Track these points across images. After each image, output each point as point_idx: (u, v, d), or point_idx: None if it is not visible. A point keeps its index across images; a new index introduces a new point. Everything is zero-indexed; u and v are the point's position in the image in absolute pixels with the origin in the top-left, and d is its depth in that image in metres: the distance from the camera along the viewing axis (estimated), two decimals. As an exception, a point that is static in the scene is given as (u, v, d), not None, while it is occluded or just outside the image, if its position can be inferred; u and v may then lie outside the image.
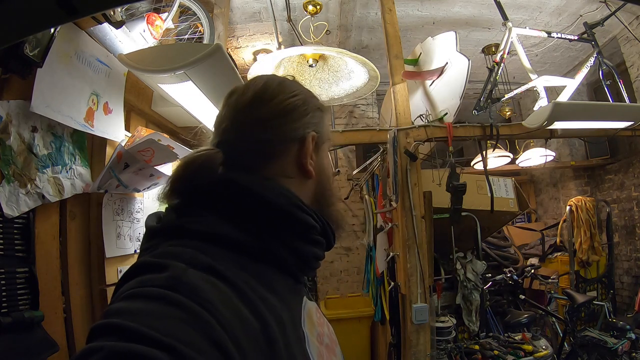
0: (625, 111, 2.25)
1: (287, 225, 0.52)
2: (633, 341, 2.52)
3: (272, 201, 0.51)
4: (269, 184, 0.53)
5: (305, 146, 0.58)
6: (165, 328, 0.33)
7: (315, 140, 0.59)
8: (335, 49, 2.11)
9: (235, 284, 0.42)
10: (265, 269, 0.48)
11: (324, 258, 0.59)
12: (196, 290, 0.37)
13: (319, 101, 0.64)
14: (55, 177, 1.19)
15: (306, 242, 0.54)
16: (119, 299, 0.37)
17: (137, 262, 0.43)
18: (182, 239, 0.46)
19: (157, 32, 1.57)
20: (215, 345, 0.34)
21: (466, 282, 2.60)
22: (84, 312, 1.30)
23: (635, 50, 3.12)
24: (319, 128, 0.61)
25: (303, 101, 0.60)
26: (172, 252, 0.43)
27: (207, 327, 0.35)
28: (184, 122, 1.99)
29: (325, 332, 0.59)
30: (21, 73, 1.03)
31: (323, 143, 0.62)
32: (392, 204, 2.34)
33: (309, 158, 0.58)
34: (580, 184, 4.31)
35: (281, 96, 0.58)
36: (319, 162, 0.60)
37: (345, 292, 3.93)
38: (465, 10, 3.13)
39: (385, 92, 3.24)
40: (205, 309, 0.36)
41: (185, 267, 0.39)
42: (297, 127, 0.58)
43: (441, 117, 2.40)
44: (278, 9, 2.78)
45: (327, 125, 0.64)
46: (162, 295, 0.36)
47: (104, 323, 0.34)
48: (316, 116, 0.61)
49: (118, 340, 0.31)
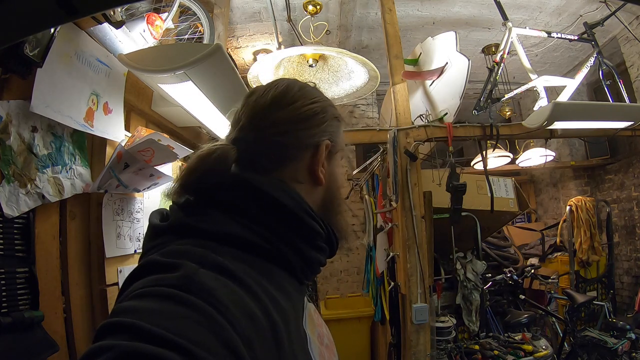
0: (625, 111, 2.25)
1: (295, 229, 0.52)
2: (633, 341, 2.52)
3: (284, 204, 0.51)
4: (281, 186, 0.53)
5: (318, 153, 0.58)
6: (176, 328, 0.32)
7: (329, 148, 0.60)
8: (335, 49, 2.11)
9: (246, 283, 0.41)
10: (273, 268, 0.48)
11: (325, 264, 0.59)
12: (208, 291, 0.37)
13: (337, 111, 0.65)
14: (55, 177, 1.19)
15: (311, 247, 0.54)
16: (129, 297, 0.37)
17: (146, 261, 0.42)
18: (191, 237, 0.46)
19: (157, 32, 1.57)
20: (226, 347, 0.34)
21: (466, 282, 2.60)
22: (84, 312, 1.30)
23: (635, 50, 3.12)
24: (334, 137, 0.61)
25: (321, 109, 0.60)
26: (182, 250, 0.43)
27: (218, 328, 0.34)
28: (184, 122, 1.99)
29: (325, 333, 0.59)
30: (21, 73, 1.03)
31: (336, 152, 0.63)
32: (392, 204, 2.34)
33: (320, 165, 0.58)
34: (580, 184, 4.31)
35: (300, 102, 0.59)
36: (330, 170, 0.61)
37: (345, 292, 3.93)
38: (465, 10, 3.13)
39: (385, 92, 3.24)
40: (216, 309, 0.36)
41: (197, 266, 0.39)
42: (313, 134, 0.58)
43: (441, 117, 2.40)
44: (278, 9, 2.78)
45: (342, 135, 0.65)
46: (173, 295, 0.35)
47: (114, 321, 0.33)
48: (333, 125, 0.62)
49: (128, 340, 0.31)
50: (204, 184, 0.52)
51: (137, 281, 0.39)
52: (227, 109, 1.54)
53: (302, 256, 0.52)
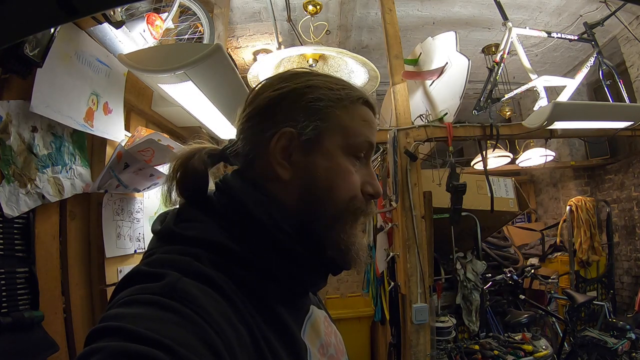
0: (625, 111, 2.25)
1: (270, 243, 0.49)
2: (633, 341, 2.52)
3: (257, 218, 0.48)
4: (261, 199, 0.50)
5: (270, 146, 0.51)
6: (160, 330, 0.34)
7: (295, 137, 0.50)
8: (335, 49, 2.11)
9: (226, 293, 0.42)
10: (256, 279, 0.47)
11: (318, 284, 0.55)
12: (190, 298, 0.38)
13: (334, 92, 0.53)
14: (55, 177, 1.19)
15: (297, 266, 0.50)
16: (115, 305, 0.38)
17: (132, 271, 0.43)
18: (179, 244, 0.46)
19: (157, 32, 1.57)
20: (209, 349, 0.35)
21: (466, 282, 2.60)
22: (84, 312, 1.30)
23: (635, 50, 3.12)
24: (305, 124, 0.50)
25: (287, 92, 0.52)
26: (167, 259, 0.44)
27: (201, 330, 0.36)
28: (184, 122, 1.99)
29: (332, 342, 0.57)
30: (21, 73, 1.03)
31: (320, 142, 0.51)
32: (392, 204, 2.34)
33: (276, 158, 0.51)
34: (580, 184, 4.31)
35: (265, 93, 0.54)
36: (304, 162, 0.51)
37: (345, 292, 3.93)
38: (465, 10, 3.13)
39: (385, 92, 3.24)
40: (198, 315, 0.37)
41: (180, 275, 0.40)
42: (273, 123, 0.51)
43: (441, 117, 2.40)
44: (278, 9, 2.77)
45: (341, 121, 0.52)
46: (157, 301, 0.37)
47: (102, 326, 0.35)
48: (305, 109, 0.51)
49: (118, 341, 0.32)
50: (196, 187, 0.52)
51: (124, 290, 0.40)
52: (227, 109, 1.55)
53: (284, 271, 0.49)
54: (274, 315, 0.47)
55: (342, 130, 0.52)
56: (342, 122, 0.52)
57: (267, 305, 0.46)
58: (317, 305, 0.60)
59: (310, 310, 0.56)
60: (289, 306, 0.50)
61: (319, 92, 0.52)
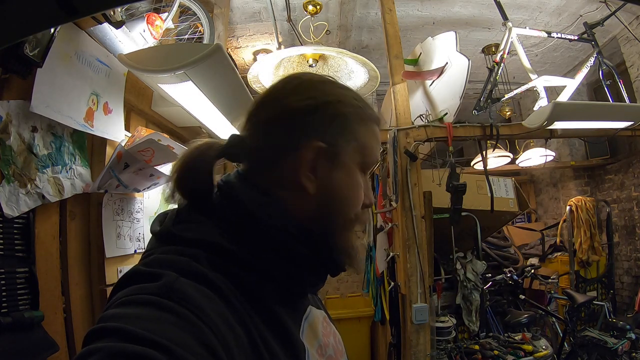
0: (625, 111, 2.25)
1: (277, 248, 0.49)
2: (633, 341, 2.52)
3: (266, 224, 0.49)
4: (265, 201, 0.50)
5: (301, 156, 0.50)
6: (157, 330, 0.34)
7: (323, 152, 0.50)
8: (335, 49, 2.11)
9: (224, 294, 0.42)
10: (254, 279, 0.47)
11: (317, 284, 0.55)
12: (187, 298, 0.38)
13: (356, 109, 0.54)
14: (55, 177, 1.19)
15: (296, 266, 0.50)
16: (113, 305, 0.38)
17: (129, 271, 0.43)
18: (177, 244, 0.46)
19: (157, 32, 1.57)
20: (206, 349, 0.35)
21: (466, 282, 2.60)
22: (84, 312, 1.30)
23: (635, 50, 3.12)
24: (335, 139, 0.51)
25: (315, 105, 0.52)
26: (164, 259, 0.44)
27: (198, 331, 0.36)
28: (184, 122, 1.99)
29: (331, 343, 0.57)
30: (21, 73, 1.03)
31: (342, 158, 0.52)
32: (392, 204, 2.34)
33: (304, 170, 0.50)
34: (580, 184, 4.31)
35: (293, 97, 0.53)
36: (329, 178, 0.51)
37: (345, 292, 3.92)
38: (465, 10, 3.13)
39: (385, 92, 3.24)
40: (195, 315, 0.37)
41: (177, 275, 0.40)
42: (299, 134, 0.51)
43: (441, 117, 2.40)
44: (278, 9, 2.77)
45: (361, 138, 0.54)
46: (154, 302, 0.37)
47: (100, 327, 0.35)
48: (336, 125, 0.52)
49: (114, 342, 0.32)
50: (196, 187, 0.51)
51: (122, 290, 0.40)
52: (227, 109, 1.55)
53: (286, 273, 0.50)
54: (272, 315, 0.47)
55: (361, 148, 0.54)
56: (362, 140, 0.54)
57: (265, 306, 0.46)
58: (315, 305, 0.60)
59: (308, 311, 0.56)
60: (287, 307, 0.50)
61: (348, 108, 0.54)
